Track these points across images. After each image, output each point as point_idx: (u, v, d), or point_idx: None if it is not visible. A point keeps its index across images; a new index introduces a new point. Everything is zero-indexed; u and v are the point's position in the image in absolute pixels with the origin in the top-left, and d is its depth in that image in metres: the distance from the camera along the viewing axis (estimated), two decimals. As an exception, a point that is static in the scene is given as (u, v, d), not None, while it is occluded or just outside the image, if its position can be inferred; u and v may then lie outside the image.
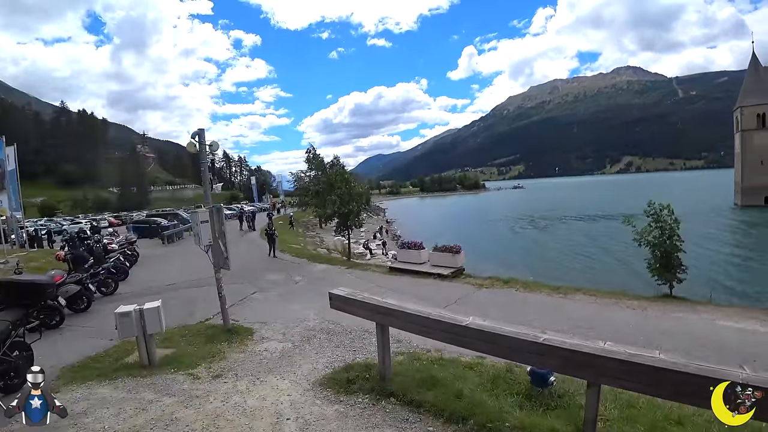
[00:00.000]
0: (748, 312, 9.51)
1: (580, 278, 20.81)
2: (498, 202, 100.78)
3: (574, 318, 8.56)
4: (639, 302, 9.95)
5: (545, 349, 2.81)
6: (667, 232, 11.09)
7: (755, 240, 34.60)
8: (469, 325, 3.28)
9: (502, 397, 4.19)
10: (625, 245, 22.28)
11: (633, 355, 2.52)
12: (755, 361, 6.28)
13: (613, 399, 3.88)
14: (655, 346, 6.66)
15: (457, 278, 12.83)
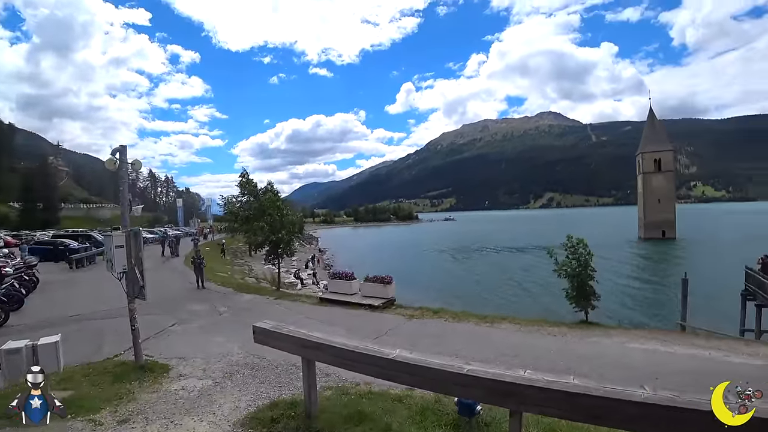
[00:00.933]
0: (651, 333, 10.55)
1: (507, 307, 21.75)
2: (430, 233, 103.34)
3: (500, 346, 8.84)
4: (559, 329, 10.56)
5: (469, 379, 2.84)
6: (582, 263, 12.05)
7: (654, 269, 38.84)
8: (395, 358, 3.24)
9: (431, 429, 4.17)
10: (546, 275, 23.67)
11: (550, 381, 2.61)
12: (657, 378, 6.90)
13: (536, 424, 3.98)
14: (574, 371, 7.08)
15: (388, 309, 12.81)
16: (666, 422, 2.34)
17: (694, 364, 7.81)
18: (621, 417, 2.46)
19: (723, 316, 19.01)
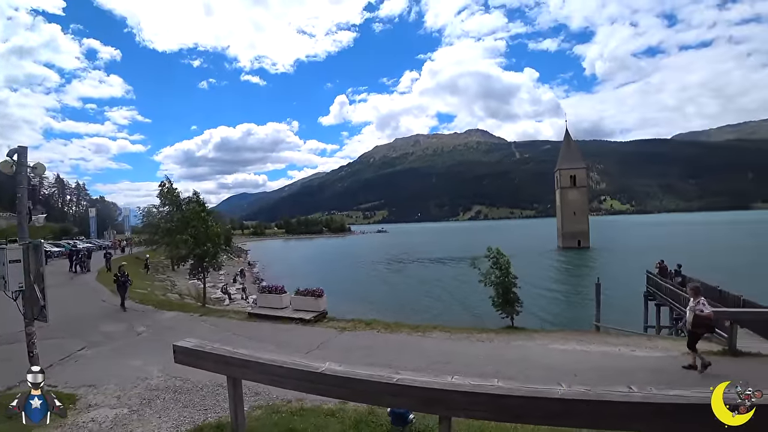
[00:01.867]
0: (570, 335, 11.34)
1: (438, 316, 22.34)
2: (363, 245, 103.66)
3: (432, 354, 8.99)
4: (487, 335, 11.00)
5: (399, 389, 2.86)
6: (503, 272, 12.78)
7: (571, 275, 42.49)
8: (324, 371, 3.18)
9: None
10: (475, 284, 24.58)
11: (475, 386, 2.72)
12: (575, 375, 7.41)
13: (467, 428, 4.07)
14: (501, 374, 7.42)
15: (320, 322, 12.58)
16: (581, 414, 2.58)
17: (606, 360, 8.51)
18: (542, 413, 2.66)
19: (630, 315, 21.08)
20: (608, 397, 2.54)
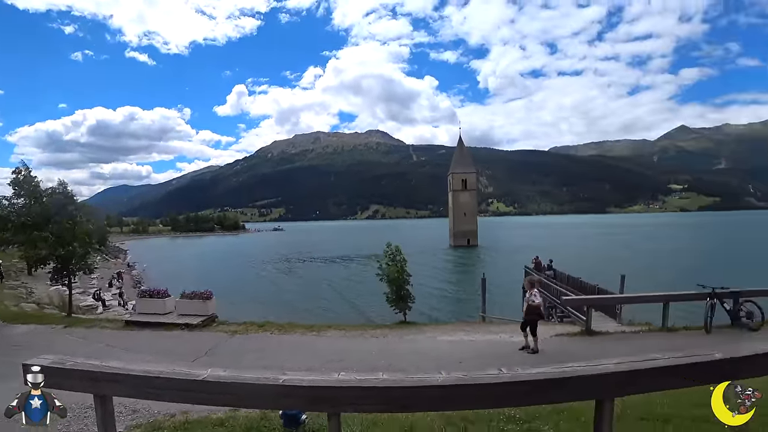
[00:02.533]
0: (458, 326, 12.27)
1: (333, 315, 22.40)
2: (258, 244, 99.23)
3: (326, 353, 8.98)
4: (381, 330, 11.35)
5: (286, 390, 2.79)
6: (399, 269, 13.27)
7: (461, 271, 45.72)
8: (207, 378, 2.96)
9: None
10: (370, 281, 25.09)
11: (362, 380, 2.78)
12: (461, 362, 8.07)
13: (360, 421, 4.11)
14: (393, 367, 7.66)
15: (209, 327, 11.78)
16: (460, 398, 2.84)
17: (488, 347, 9.38)
18: (426, 401, 2.83)
19: (511, 305, 23.26)
20: (482, 380, 2.80)
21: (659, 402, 4.26)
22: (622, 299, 12.76)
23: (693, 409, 4.08)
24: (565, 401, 3.45)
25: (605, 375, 2.97)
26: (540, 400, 3.28)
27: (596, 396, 3.07)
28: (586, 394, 3.11)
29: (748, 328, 9.75)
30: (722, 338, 9.43)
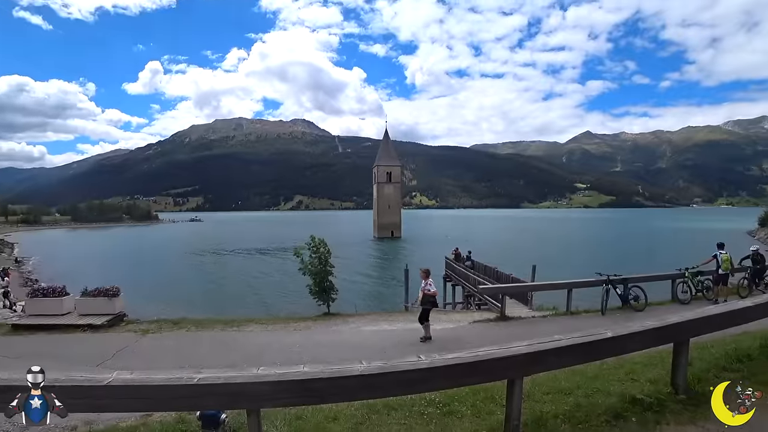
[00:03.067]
0: (381, 316, 12.57)
1: (256, 309, 21.72)
2: (173, 236, 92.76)
3: (247, 348, 8.68)
4: (305, 323, 11.21)
5: (201, 389, 2.65)
6: (322, 261, 13.16)
7: (385, 262, 46.46)
8: (112, 383, 2.70)
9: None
10: (294, 273, 24.58)
11: (281, 374, 2.72)
12: (385, 351, 8.19)
13: (283, 416, 4.00)
14: (317, 359, 7.59)
15: (116, 327, 10.73)
16: (379, 386, 2.89)
17: (410, 335, 9.60)
18: (345, 391, 2.87)
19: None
20: (401, 367, 2.92)
21: (563, 377, 4.70)
22: (532, 287, 13.86)
23: (589, 381, 4.58)
24: (479, 383, 3.68)
25: (515, 357, 3.24)
26: (457, 384, 3.46)
27: (508, 376, 3.32)
28: (498, 376, 3.35)
29: (635, 309, 11.12)
30: (614, 319, 10.60)
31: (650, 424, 3.64)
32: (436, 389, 3.58)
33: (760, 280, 12.55)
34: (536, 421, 3.60)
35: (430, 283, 9.16)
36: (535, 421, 3.59)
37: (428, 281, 9.18)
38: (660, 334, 4.05)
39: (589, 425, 3.58)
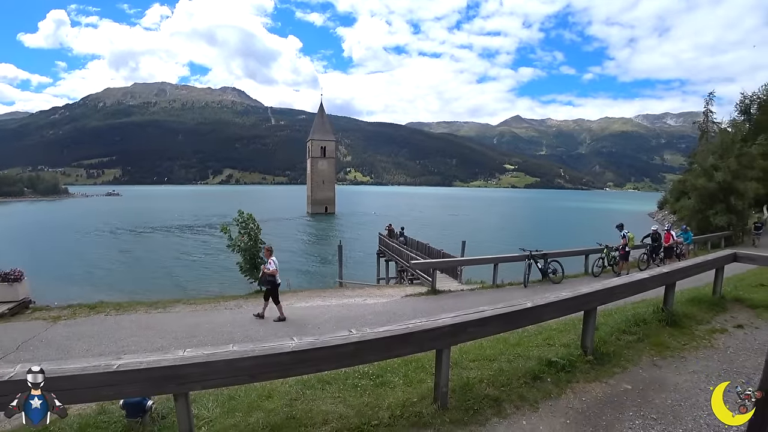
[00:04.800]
0: (315, 292, 12.53)
1: (183, 289, 20.74)
2: (87, 212, 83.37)
3: (175, 331, 8.26)
4: (236, 301, 10.91)
5: (122, 376, 2.49)
6: (252, 237, 12.79)
7: (319, 238, 46.32)
8: (15, 377, 2.43)
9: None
10: (224, 250, 23.64)
11: (210, 354, 2.64)
12: (319, 328, 8.26)
13: (215, 398, 3.89)
14: (250, 338, 7.46)
15: (21, 315, 9.66)
16: (311, 361, 2.94)
17: (343, 310, 9.74)
18: (276, 369, 2.86)
19: (366, 270, 24.58)
20: (333, 342, 2.98)
21: (488, 346, 5.05)
22: (462, 262, 14.54)
23: (512, 348, 4.96)
24: (409, 354, 3.84)
25: (442, 328, 3.42)
26: (388, 355, 3.56)
27: (436, 346, 3.49)
28: (427, 346, 3.52)
29: (553, 282, 12.13)
30: (535, 290, 11.47)
31: (563, 383, 4.06)
32: (367, 362, 3.67)
33: (656, 255, 14.29)
34: (463, 386, 3.85)
35: (272, 261, 9.03)
36: (462, 387, 3.83)
37: (270, 260, 9.07)
38: (572, 303, 4.51)
39: (510, 388, 3.90)
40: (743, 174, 25.02)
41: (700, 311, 6.22)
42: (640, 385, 4.09)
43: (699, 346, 5.09)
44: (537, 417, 3.52)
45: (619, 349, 4.87)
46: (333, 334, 3.16)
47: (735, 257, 7.12)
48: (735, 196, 24.33)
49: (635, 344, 5.04)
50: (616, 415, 3.55)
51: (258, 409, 3.57)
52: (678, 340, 5.21)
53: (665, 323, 5.62)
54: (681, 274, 6.17)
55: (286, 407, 3.57)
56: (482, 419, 3.44)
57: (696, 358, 4.74)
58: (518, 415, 3.53)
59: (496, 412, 3.54)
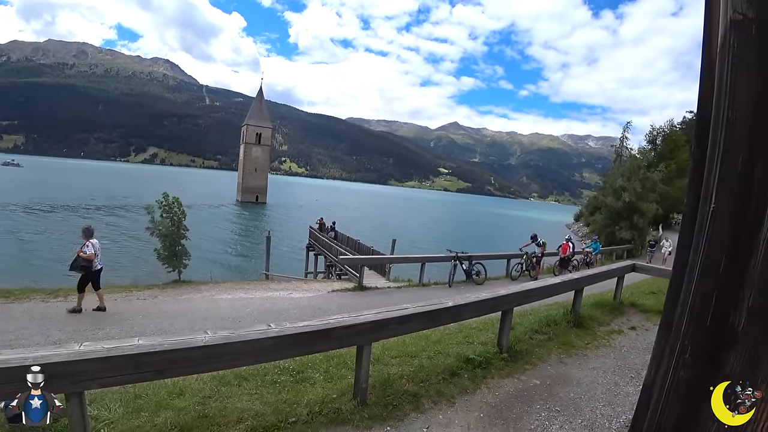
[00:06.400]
0: (238, 284, 12.01)
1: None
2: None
3: (76, 322, 7.46)
4: (151, 291, 10.19)
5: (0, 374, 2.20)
6: (175, 222, 12.02)
7: (247, 228, 44.46)
8: None
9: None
10: (139, 236, 21.97)
11: (111, 349, 2.40)
12: (239, 321, 7.88)
13: (119, 397, 3.56)
14: (164, 331, 6.96)
15: None
16: (224, 356, 2.79)
17: (267, 303, 9.44)
18: (186, 364, 2.65)
19: (295, 263, 24.05)
20: (250, 336, 2.83)
21: (410, 342, 5.14)
22: (390, 259, 14.74)
23: (433, 345, 5.09)
24: (330, 350, 3.79)
25: (363, 324, 3.41)
26: (308, 351, 3.52)
27: (357, 342, 3.48)
28: (347, 342, 3.49)
29: (476, 283, 12.65)
30: (458, 290, 11.89)
31: (479, 379, 4.24)
32: (286, 357, 3.57)
33: (569, 262, 15.48)
34: (384, 382, 3.87)
35: (89, 244, 7.95)
36: (382, 383, 3.85)
37: (89, 242, 7.98)
38: (491, 304, 4.75)
39: (429, 383, 3.99)
40: (645, 196, 28.30)
41: (602, 314, 6.86)
42: (547, 381, 4.38)
43: (599, 345, 5.62)
44: (453, 411, 3.62)
45: (532, 347, 5.20)
46: (251, 328, 3.03)
47: (634, 268, 7.98)
48: (637, 215, 27.54)
49: (546, 343, 5.42)
50: (525, 409, 3.76)
51: (167, 408, 3.32)
52: (582, 340, 5.70)
53: (573, 324, 6.14)
54: (588, 280, 6.79)
55: (198, 405, 3.36)
56: (400, 414, 3.47)
57: (596, 356, 5.22)
58: (435, 410, 3.61)
59: (414, 407, 3.60)
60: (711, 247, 0.78)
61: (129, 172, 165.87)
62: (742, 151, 0.73)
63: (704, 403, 0.80)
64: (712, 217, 0.77)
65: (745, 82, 0.73)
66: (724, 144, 0.75)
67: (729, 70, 0.74)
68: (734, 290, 0.74)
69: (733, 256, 0.74)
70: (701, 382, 0.80)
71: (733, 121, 0.74)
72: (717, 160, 0.76)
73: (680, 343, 0.82)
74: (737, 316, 0.74)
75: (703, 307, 0.79)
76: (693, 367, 0.81)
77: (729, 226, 0.75)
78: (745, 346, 0.75)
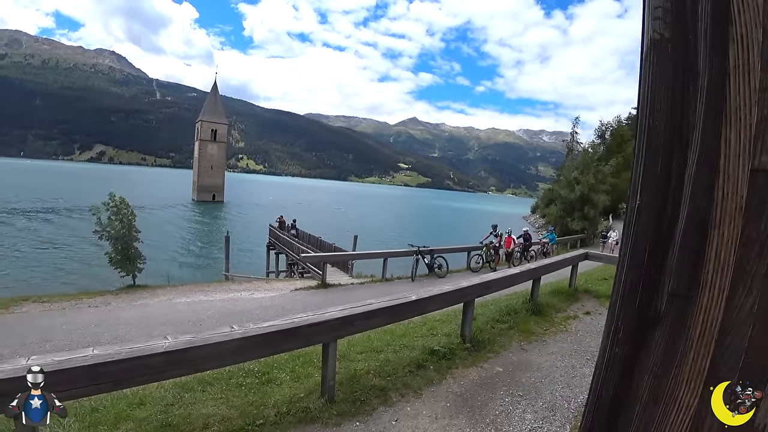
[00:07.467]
0: (197, 287, 11.64)
1: (34, 285, 17.49)
2: None
3: (22, 335, 7.01)
4: (103, 298, 9.73)
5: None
6: (125, 224, 11.52)
7: (204, 229, 43.13)
8: None
9: None
10: (89, 239, 20.68)
11: (62, 361, 2.30)
12: (200, 325, 7.63)
13: (74, 412, 3.40)
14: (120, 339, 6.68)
15: None
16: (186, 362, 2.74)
17: (228, 305, 9.21)
18: (146, 372, 2.59)
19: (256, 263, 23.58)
20: (213, 339, 2.79)
21: (376, 338, 5.22)
22: (353, 256, 14.80)
23: (398, 339, 5.19)
24: (296, 349, 3.80)
25: (328, 321, 3.45)
26: (273, 351, 3.51)
27: (323, 340, 3.51)
28: (313, 340, 3.51)
29: (438, 276, 12.91)
30: (421, 284, 12.07)
31: (444, 369, 4.40)
32: (251, 359, 3.53)
33: (527, 253, 16.11)
34: (351, 378, 3.93)
35: None
36: (349, 379, 3.91)
37: None
38: (453, 296, 4.91)
39: (396, 377, 4.09)
40: (597, 188, 29.87)
41: (559, 301, 7.22)
42: (510, 367, 4.59)
43: (557, 331, 5.93)
44: (420, 403, 3.73)
45: (494, 336, 5.42)
46: (213, 331, 2.98)
47: (587, 256, 8.42)
48: (589, 205, 29.01)
49: (507, 331, 5.65)
50: (489, 395, 3.93)
51: (127, 419, 3.22)
52: (541, 327, 5.99)
53: (531, 312, 6.43)
54: (545, 269, 7.11)
55: (161, 414, 3.27)
56: (369, 409, 3.54)
57: (554, 341, 5.51)
58: (403, 403, 3.71)
59: (382, 401, 3.67)
60: (637, 239, 0.90)
61: (74, 171, 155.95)
62: (660, 155, 0.86)
63: (634, 373, 0.92)
64: (638, 212, 0.89)
65: (663, 93, 0.86)
66: (646, 147, 0.88)
67: (650, 82, 0.87)
68: (656, 277, 0.87)
69: (655, 247, 0.87)
70: (632, 357, 0.92)
71: (654, 128, 0.86)
72: (641, 161, 0.89)
73: (614, 324, 0.94)
74: (659, 299, 0.87)
75: (632, 292, 0.91)
76: (625, 344, 0.92)
77: (651, 220, 0.88)
78: (667, 325, 0.87)
